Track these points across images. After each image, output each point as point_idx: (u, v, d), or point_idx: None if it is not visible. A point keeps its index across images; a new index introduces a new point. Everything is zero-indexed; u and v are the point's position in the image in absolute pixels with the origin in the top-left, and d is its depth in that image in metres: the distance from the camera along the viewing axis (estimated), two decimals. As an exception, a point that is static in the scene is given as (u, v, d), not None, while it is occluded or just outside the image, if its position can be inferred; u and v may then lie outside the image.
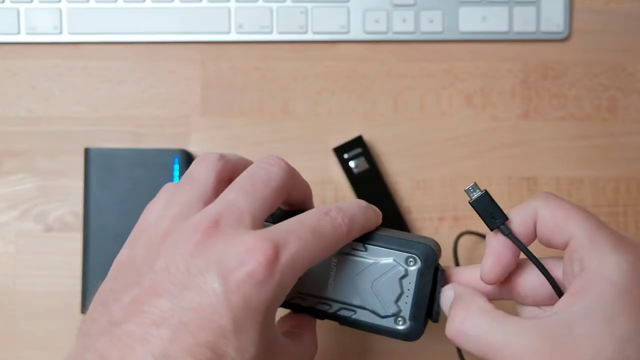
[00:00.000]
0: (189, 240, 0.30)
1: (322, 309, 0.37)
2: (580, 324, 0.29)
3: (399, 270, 0.36)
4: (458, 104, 0.52)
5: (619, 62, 0.53)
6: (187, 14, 0.52)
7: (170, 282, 0.29)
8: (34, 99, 0.52)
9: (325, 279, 0.37)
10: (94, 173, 0.48)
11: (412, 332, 0.36)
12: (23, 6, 0.51)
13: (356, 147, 0.50)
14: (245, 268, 0.29)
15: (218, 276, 0.28)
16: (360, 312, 0.36)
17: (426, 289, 0.35)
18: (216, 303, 0.28)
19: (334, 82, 0.52)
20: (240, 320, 0.28)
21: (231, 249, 0.29)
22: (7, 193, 0.51)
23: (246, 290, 0.28)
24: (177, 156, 0.48)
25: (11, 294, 0.50)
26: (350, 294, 0.36)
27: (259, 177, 0.33)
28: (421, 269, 0.35)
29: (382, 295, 0.36)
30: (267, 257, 0.29)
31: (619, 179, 0.52)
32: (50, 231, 0.51)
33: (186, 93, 0.52)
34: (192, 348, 0.28)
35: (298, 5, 0.52)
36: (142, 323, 0.28)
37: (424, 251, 0.36)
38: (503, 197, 0.51)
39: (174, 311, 0.28)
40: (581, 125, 0.52)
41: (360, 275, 0.36)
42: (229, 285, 0.28)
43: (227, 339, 0.28)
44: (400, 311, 0.36)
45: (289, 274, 0.30)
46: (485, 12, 0.52)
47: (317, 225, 0.32)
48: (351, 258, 0.36)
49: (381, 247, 0.36)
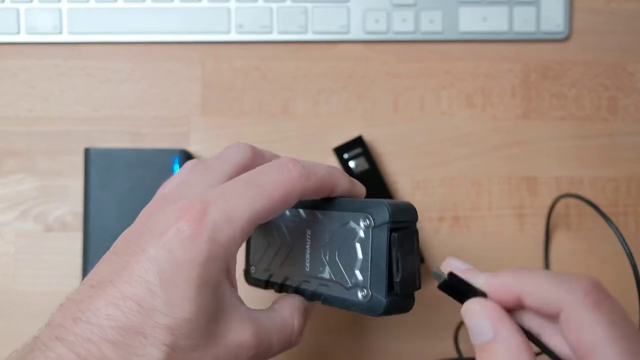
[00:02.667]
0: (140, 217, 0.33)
1: (304, 287, 0.36)
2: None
3: (356, 232, 0.33)
4: (458, 104, 0.52)
5: (619, 62, 0.53)
6: (187, 14, 0.52)
7: (115, 254, 0.31)
8: (34, 99, 0.52)
9: (302, 255, 0.36)
10: (94, 173, 0.48)
11: (374, 305, 0.32)
12: (23, 6, 0.51)
13: (356, 147, 0.50)
14: (173, 227, 0.30)
15: (150, 238, 0.30)
16: (332, 286, 0.34)
17: (381, 251, 0.32)
18: (143, 260, 0.29)
19: (334, 82, 0.52)
20: (167, 274, 0.29)
21: (166, 214, 0.31)
22: (7, 193, 0.51)
23: (173, 246, 0.29)
24: (177, 156, 0.48)
25: (11, 294, 0.50)
26: (322, 266, 0.35)
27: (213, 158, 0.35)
28: (373, 228, 0.32)
29: (345, 263, 0.33)
30: (195, 214, 0.30)
31: (619, 179, 0.52)
32: (50, 231, 0.51)
33: (186, 93, 0.52)
34: (117, 301, 0.29)
35: (298, 5, 0.52)
36: (83, 290, 0.30)
37: (377, 210, 0.32)
38: (503, 197, 0.51)
39: (109, 273, 0.30)
40: (581, 125, 0.52)
41: (328, 244, 0.34)
42: (157, 244, 0.30)
43: (153, 293, 0.29)
44: (361, 280, 0.33)
45: (224, 228, 0.30)
46: (485, 12, 0.52)
47: (254, 177, 0.32)
48: (321, 228, 0.35)
49: (344, 212, 0.34)
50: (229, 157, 0.35)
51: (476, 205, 0.51)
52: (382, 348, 0.50)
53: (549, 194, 0.51)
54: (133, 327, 0.28)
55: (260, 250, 0.40)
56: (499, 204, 0.51)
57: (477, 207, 0.51)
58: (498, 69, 0.52)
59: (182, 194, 0.32)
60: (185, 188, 0.33)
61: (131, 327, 0.28)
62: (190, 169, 0.35)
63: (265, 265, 0.39)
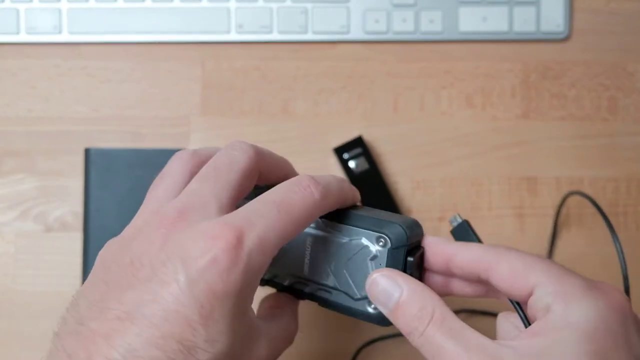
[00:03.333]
0: (154, 234, 0.30)
1: (300, 287, 0.36)
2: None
3: (369, 250, 0.34)
4: (458, 104, 0.52)
5: (619, 62, 0.53)
6: (187, 14, 0.52)
7: (135, 278, 0.29)
8: (34, 99, 0.52)
9: (301, 258, 0.36)
10: (94, 173, 0.48)
11: (385, 318, 0.33)
12: (23, 6, 0.51)
13: (356, 147, 0.50)
14: (208, 256, 0.28)
15: (181, 266, 0.28)
16: (335, 294, 0.35)
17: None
18: (179, 293, 0.28)
19: (334, 82, 0.52)
20: (206, 310, 0.28)
21: (194, 238, 0.29)
22: (7, 193, 0.51)
23: (210, 279, 0.28)
24: (177, 156, 0.48)
25: (11, 294, 0.50)
26: (325, 274, 0.35)
27: (221, 163, 0.33)
28: (390, 250, 0.33)
29: (354, 276, 0.34)
30: (230, 242, 0.28)
31: (619, 179, 0.52)
32: (50, 231, 0.51)
33: (186, 93, 0.52)
34: (157, 340, 0.27)
35: (298, 5, 0.52)
36: (106, 319, 0.28)
37: (393, 231, 0.33)
38: (503, 197, 0.51)
39: (138, 305, 0.28)
40: (581, 125, 0.52)
41: (334, 255, 0.35)
42: (192, 275, 0.28)
43: (194, 330, 0.28)
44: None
45: (257, 257, 0.29)
46: (485, 12, 0.52)
47: (282, 200, 0.31)
48: (325, 237, 0.35)
49: (354, 227, 0.34)
50: (236, 164, 0.33)
51: (476, 205, 0.51)
52: (386, 347, 0.50)
53: (549, 194, 0.51)
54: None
55: None
56: (499, 204, 0.51)
57: (477, 207, 0.51)
58: (498, 69, 0.52)
59: (202, 212, 0.30)
60: (199, 200, 0.31)
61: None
62: (198, 176, 0.33)
63: None
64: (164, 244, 0.29)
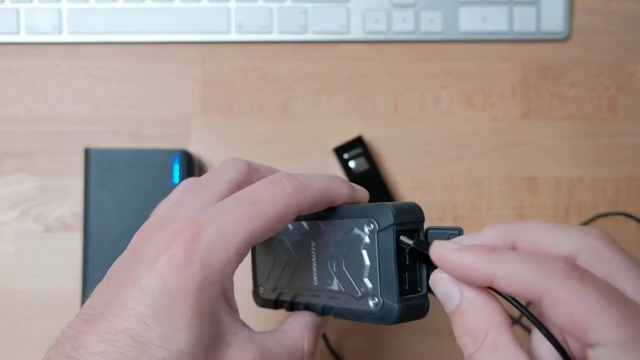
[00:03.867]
0: (131, 244, 0.31)
1: (314, 302, 0.34)
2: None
3: (361, 239, 0.31)
4: (458, 104, 0.52)
5: (619, 62, 0.53)
6: (187, 14, 0.52)
7: (107, 285, 0.30)
8: (34, 99, 0.52)
9: (309, 269, 0.34)
10: (94, 173, 0.48)
11: (386, 312, 0.30)
12: (23, 6, 0.51)
13: (356, 147, 0.50)
14: (165, 253, 0.28)
15: (141, 266, 0.28)
16: (342, 298, 0.32)
17: (389, 255, 0.30)
18: (134, 290, 0.28)
19: (334, 82, 0.52)
20: (160, 306, 0.27)
21: (157, 239, 0.29)
22: (7, 193, 0.51)
23: (165, 275, 0.28)
24: (177, 156, 0.48)
25: (11, 294, 0.50)
26: (329, 279, 0.33)
27: (207, 175, 0.34)
28: (378, 233, 0.30)
29: (353, 272, 0.32)
30: (186, 238, 0.28)
31: (619, 179, 0.52)
32: (50, 231, 0.51)
33: (186, 93, 0.52)
34: (109, 335, 0.27)
35: (298, 5, 0.52)
36: (75, 323, 0.29)
37: (380, 212, 0.30)
38: (503, 197, 0.51)
39: (101, 306, 0.28)
40: (581, 125, 0.52)
41: (333, 255, 0.33)
42: (149, 272, 0.28)
43: (147, 325, 0.27)
44: (371, 288, 0.31)
45: (217, 252, 0.28)
46: (485, 12, 0.52)
47: (248, 195, 0.30)
48: (325, 239, 0.33)
49: (347, 219, 0.32)
50: (223, 175, 0.33)
51: (476, 205, 0.51)
52: (396, 346, 0.50)
53: (549, 194, 0.51)
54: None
55: (266, 269, 0.38)
56: (499, 204, 0.51)
57: (477, 207, 0.51)
58: (498, 69, 0.52)
59: (174, 216, 0.31)
60: (178, 209, 0.32)
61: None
62: (184, 189, 0.34)
63: (273, 283, 0.37)
64: (135, 249, 0.30)
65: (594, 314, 0.24)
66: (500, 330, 0.26)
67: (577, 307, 0.24)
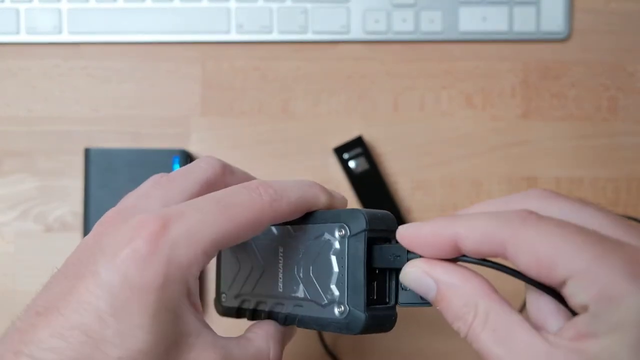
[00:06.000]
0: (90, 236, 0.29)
1: (278, 310, 0.33)
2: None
3: (331, 244, 0.30)
4: (458, 104, 0.52)
5: (619, 62, 0.53)
6: (187, 14, 0.52)
7: (64, 277, 0.28)
8: (34, 99, 0.52)
9: (275, 275, 0.33)
10: (94, 173, 0.48)
11: (352, 322, 0.29)
12: (23, 6, 0.51)
13: (356, 147, 0.50)
14: (128, 246, 0.27)
15: (102, 258, 0.27)
16: (306, 306, 0.31)
17: (358, 262, 0.29)
18: (92, 284, 0.26)
19: (334, 82, 0.52)
20: (119, 301, 0.26)
21: (120, 230, 0.28)
22: (7, 193, 0.51)
23: (127, 268, 0.26)
24: (177, 156, 0.48)
25: (11, 294, 0.50)
26: (295, 285, 0.32)
27: (178, 172, 0.32)
28: (349, 238, 0.29)
29: (320, 278, 0.30)
30: (152, 231, 0.27)
31: (619, 179, 0.52)
32: (50, 231, 0.51)
33: (186, 93, 0.52)
34: (62, 331, 0.26)
35: (298, 5, 0.52)
36: (27, 316, 0.27)
37: (352, 217, 0.29)
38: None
39: (55, 298, 0.27)
40: (581, 125, 0.52)
41: (301, 260, 0.32)
42: (109, 266, 0.26)
43: (103, 322, 0.26)
44: (338, 295, 0.30)
45: (184, 249, 0.27)
46: (485, 12, 0.52)
47: (224, 197, 0.29)
48: (294, 244, 0.32)
49: (318, 224, 0.31)
50: (195, 173, 0.32)
51: (476, 205, 0.51)
52: (392, 345, 0.50)
53: (549, 194, 0.51)
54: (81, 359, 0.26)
55: (230, 276, 0.36)
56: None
57: (477, 207, 0.51)
58: (498, 69, 0.52)
59: (140, 208, 0.29)
60: (144, 201, 0.30)
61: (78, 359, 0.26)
62: (152, 182, 0.32)
63: (237, 291, 0.36)
64: (95, 240, 0.28)
65: (556, 247, 0.24)
66: (486, 300, 0.26)
67: (540, 246, 0.24)
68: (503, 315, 0.25)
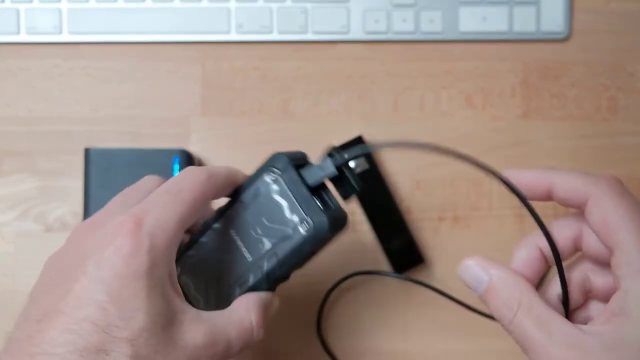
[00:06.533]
0: (67, 244, 0.34)
1: (258, 275, 0.37)
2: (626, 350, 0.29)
3: (269, 190, 0.37)
4: (458, 104, 0.52)
5: (619, 62, 0.53)
6: (187, 14, 0.52)
7: (52, 283, 0.32)
8: (34, 99, 0.52)
9: (238, 251, 0.37)
10: (94, 173, 0.48)
11: (319, 228, 0.36)
12: (23, 6, 0.51)
13: (356, 147, 0.50)
14: (112, 245, 0.31)
15: (90, 260, 0.31)
16: (279, 248, 0.36)
17: (299, 184, 0.36)
18: (88, 283, 0.30)
19: (334, 82, 0.52)
20: (115, 290, 0.30)
21: (99, 235, 0.32)
22: (7, 193, 0.51)
23: (116, 263, 0.30)
24: (177, 156, 0.48)
25: (11, 294, 0.50)
26: (259, 243, 0.37)
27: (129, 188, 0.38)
28: (282, 175, 0.36)
29: (276, 219, 0.36)
30: (129, 228, 0.31)
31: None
32: (50, 231, 0.51)
33: (186, 93, 0.52)
34: (72, 326, 0.29)
35: (298, 5, 0.52)
36: (27, 326, 0.30)
37: (274, 159, 0.37)
38: (503, 197, 0.51)
39: (52, 304, 0.30)
40: (581, 125, 0.52)
41: (254, 222, 0.37)
42: (99, 264, 0.30)
43: (105, 310, 0.30)
44: (297, 219, 0.36)
45: (160, 236, 0.32)
46: (485, 12, 0.52)
47: (171, 186, 0.34)
48: (240, 218, 0.37)
49: (249, 188, 0.37)
50: (143, 186, 0.37)
51: (476, 205, 0.51)
52: (391, 349, 0.50)
53: (549, 194, 0.51)
54: (93, 346, 0.29)
55: (202, 294, 0.39)
56: (499, 204, 0.51)
57: (477, 207, 0.51)
58: (498, 69, 0.52)
59: (107, 218, 0.33)
60: (108, 213, 0.35)
61: (91, 347, 0.29)
62: (109, 203, 0.36)
63: (215, 299, 0.39)
64: (76, 249, 0.32)
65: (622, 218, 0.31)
66: (530, 294, 0.31)
67: (612, 212, 0.31)
68: (543, 307, 0.31)
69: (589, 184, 0.32)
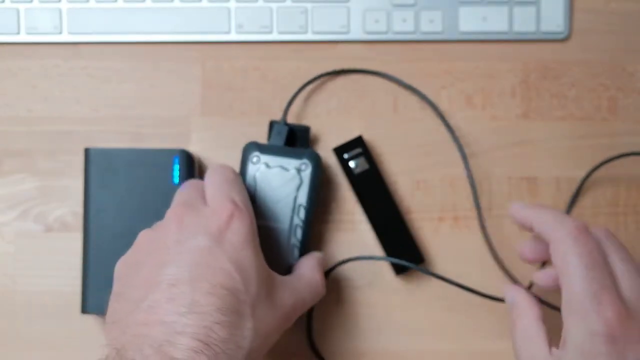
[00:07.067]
0: (172, 222, 0.39)
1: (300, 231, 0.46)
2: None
3: (260, 168, 0.46)
4: (458, 104, 0.52)
5: (619, 62, 0.53)
6: (187, 14, 0.52)
7: (169, 254, 0.37)
8: (34, 99, 0.52)
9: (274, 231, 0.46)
10: (94, 173, 0.48)
11: (312, 157, 0.47)
12: (23, 6, 0.51)
13: (356, 147, 0.50)
14: (223, 222, 0.38)
15: (206, 236, 0.37)
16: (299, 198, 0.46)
17: (276, 149, 0.47)
18: (214, 254, 0.37)
19: (334, 82, 0.52)
20: (235, 260, 0.37)
21: (205, 215, 0.39)
22: (7, 193, 0.51)
23: (229, 237, 0.38)
24: (177, 156, 0.48)
25: (11, 294, 0.50)
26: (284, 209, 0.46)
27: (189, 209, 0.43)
28: (259, 153, 0.46)
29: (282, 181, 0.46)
30: (231, 208, 0.39)
31: (619, 179, 0.52)
32: (50, 231, 0.51)
33: (186, 93, 0.52)
34: (211, 289, 0.35)
35: (298, 5, 0.52)
36: (162, 289, 0.35)
37: (247, 149, 0.47)
38: (503, 197, 0.51)
39: (184, 270, 0.36)
40: (581, 125, 0.52)
41: (267, 200, 0.46)
42: (217, 238, 0.37)
43: (232, 277, 0.36)
44: (295, 167, 0.46)
45: (247, 209, 0.40)
46: (485, 12, 0.52)
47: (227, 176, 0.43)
48: (255, 206, 0.45)
49: (245, 180, 0.46)
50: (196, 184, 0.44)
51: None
52: (379, 348, 0.50)
53: (549, 194, 0.51)
54: (229, 307, 0.35)
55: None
56: (499, 204, 0.51)
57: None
58: (498, 69, 0.52)
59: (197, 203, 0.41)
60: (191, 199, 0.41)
61: (228, 308, 0.35)
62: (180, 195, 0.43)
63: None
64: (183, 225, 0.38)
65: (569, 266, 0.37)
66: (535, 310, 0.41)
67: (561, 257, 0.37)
68: (537, 325, 0.39)
69: (553, 229, 0.38)
